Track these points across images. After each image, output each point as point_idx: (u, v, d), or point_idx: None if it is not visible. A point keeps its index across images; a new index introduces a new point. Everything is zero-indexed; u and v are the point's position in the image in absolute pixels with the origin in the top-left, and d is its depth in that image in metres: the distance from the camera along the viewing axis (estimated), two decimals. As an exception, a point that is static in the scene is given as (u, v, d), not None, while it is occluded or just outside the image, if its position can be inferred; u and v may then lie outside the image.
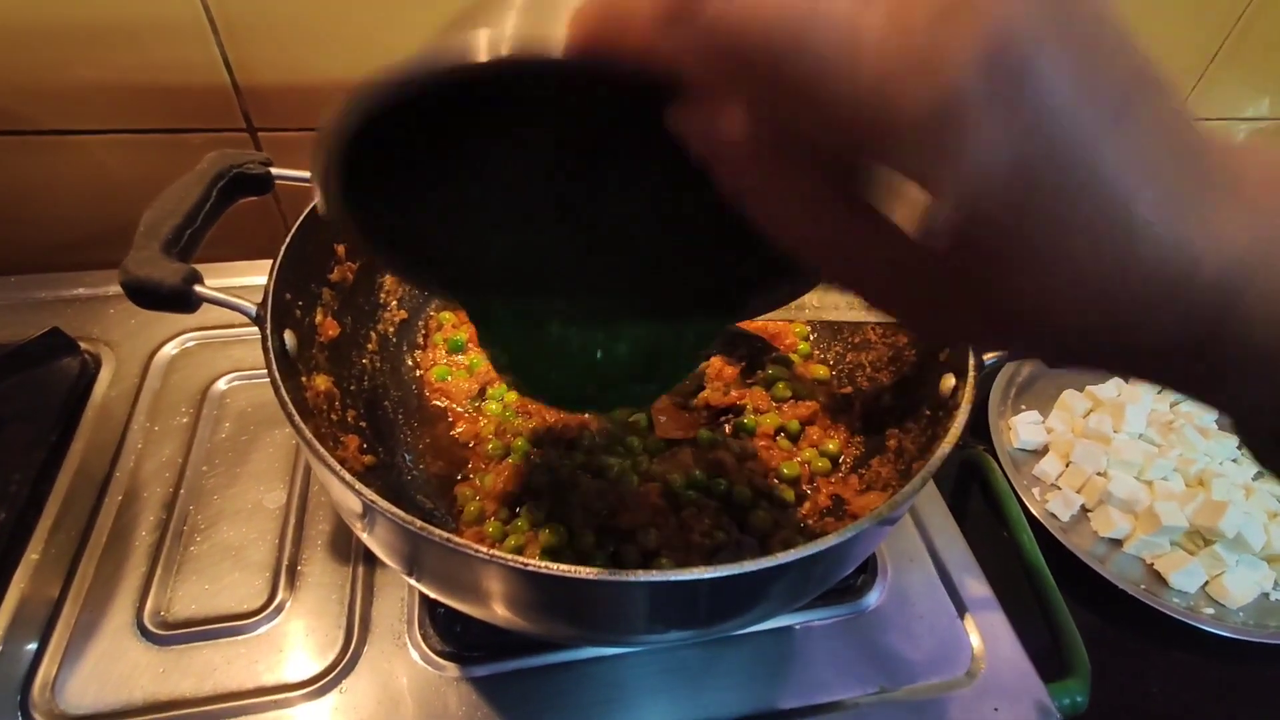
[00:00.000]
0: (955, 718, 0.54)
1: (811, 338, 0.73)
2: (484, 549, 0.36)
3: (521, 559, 0.36)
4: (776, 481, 0.60)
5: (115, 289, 0.76)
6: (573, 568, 0.36)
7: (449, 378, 0.67)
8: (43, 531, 0.60)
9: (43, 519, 0.60)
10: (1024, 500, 0.82)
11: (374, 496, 0.38)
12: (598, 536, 0.55)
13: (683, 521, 0.56)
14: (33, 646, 0.54)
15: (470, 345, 0.69)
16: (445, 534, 0.37)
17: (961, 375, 0.48)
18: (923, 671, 0.57)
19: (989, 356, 0.48)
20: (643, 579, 0.36)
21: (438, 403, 0.66)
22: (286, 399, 0.43)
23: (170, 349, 0.74)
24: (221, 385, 0.71)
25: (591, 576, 0.36)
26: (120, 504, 0.62)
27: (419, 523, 0.37)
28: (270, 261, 0.51)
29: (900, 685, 0.56)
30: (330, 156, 0.27)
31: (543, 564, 0.36)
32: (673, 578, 0.36)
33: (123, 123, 0.75)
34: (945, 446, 0.43)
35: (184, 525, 0.62)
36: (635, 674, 0.56)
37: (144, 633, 0.55)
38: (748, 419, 0.64)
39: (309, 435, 0.41)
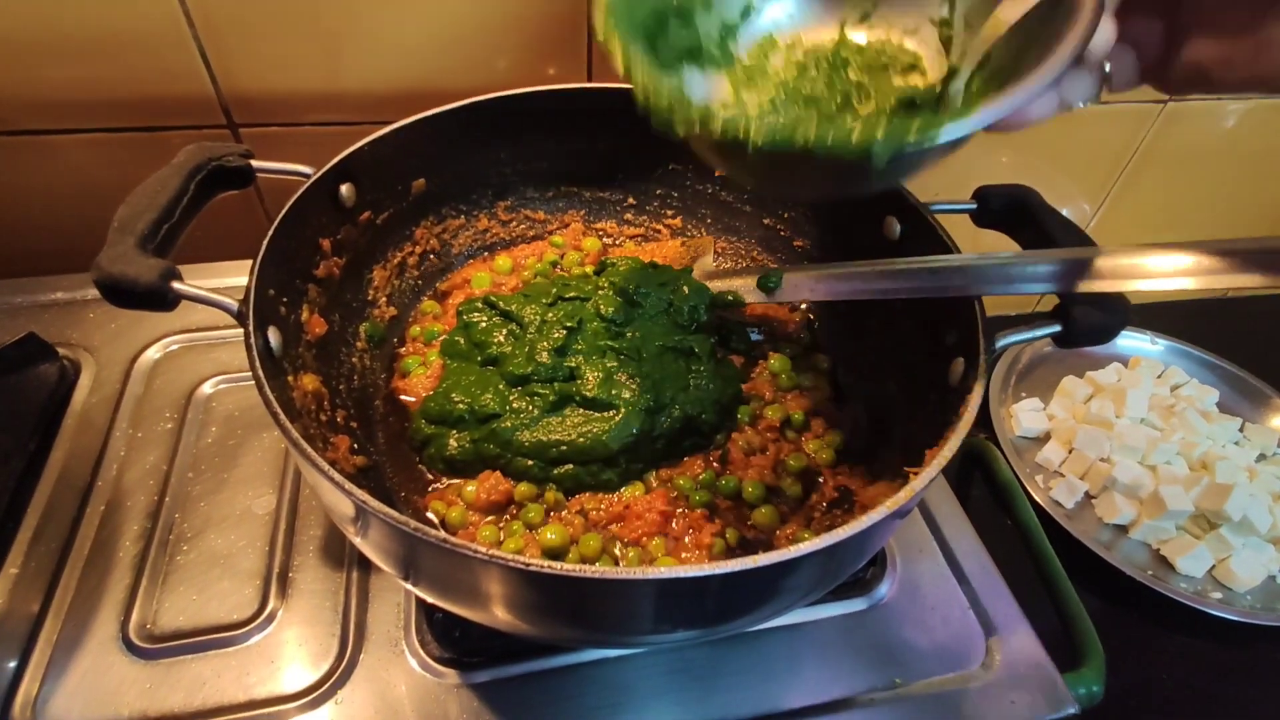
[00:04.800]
0: (971, 711, 0.53)
1: (814, 326, 0.71)
2: (483, 549, 0.35)
3: (523, 559, 0.34)
4: (784, 475, 0.59)
5: (94, 293, 0.74)
6: (577, 566, 0.34)
7: (421, 370, 0.64)
8: (22, 544, 0.58)
9: (21, 531, 0.58)
10: (1028, 488, 0.81)
11: (365, 497, 0.37)
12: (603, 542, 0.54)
13: (692, 522, 0.55)
14: (13, 664, 0.52)
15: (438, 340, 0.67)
16: (442, 535, 0.35)
17: (972, 359, 0.47)
18: (937, 665, 0.56)
19: (998, 339, 0.47)
20: (651, 576, 0.35)
21: (407, 398, 0.64)
22: (271, 398, 0.41)
23: (153, 353, 0.72)
24: (207, 389, 0.69)
25: (597, 575, 0.35)
26: (103, 514, 0.60)
27: (414, 523, 0.36)
28: (253, 259, 0.49)
29: (914, 679, 0.55)
30: None
31: (546, 563, 0.34)
32: (682, 574, 0.34)
33: (99, 121, 0.73)
34: (961, 430, 0.42)
35: (170, 534, 0.59)
36: (641, 676, 0.54)
37: (130, 646, 0.53)
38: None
39: (295, 435, 0.39)
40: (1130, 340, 1.03)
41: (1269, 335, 1.14)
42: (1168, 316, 1.10)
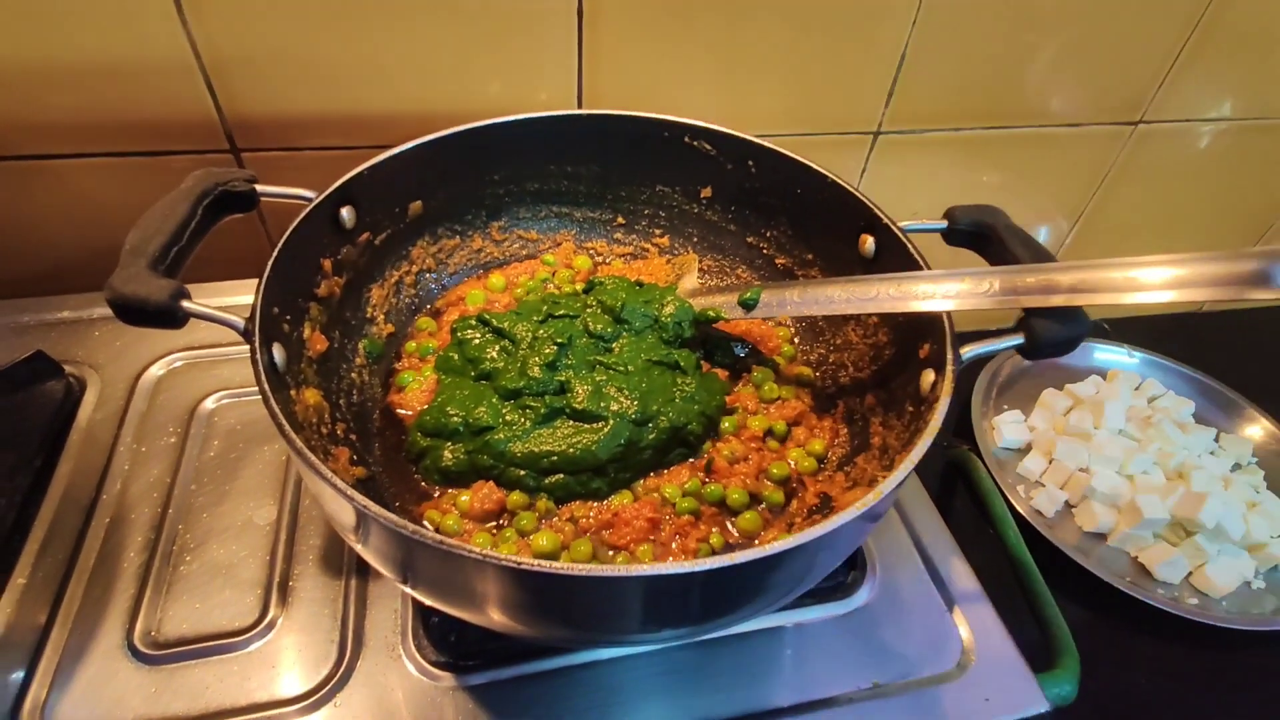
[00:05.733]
0: (948, 709, 0.55)
1: (795, 340, 0.74)
2: (477, 549, 0.37)
3: (515, 558, 0.36)
4: (767, 482, 0.61)
5: (99, 311, 0.77)
6: (567, 564, 0.37)
7: (417, 385, 0.66)
8: (29, 555, 0.59)
9: (29, 543, 0.60)
10: (1009, 498, 0.83)
11: (366, 502, 0.39)
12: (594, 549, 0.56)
13: (678, 528, 0.57)
14: (21, 671, 0.53)
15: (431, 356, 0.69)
16: (439, 536, 0.37)
17: (940, 370, 0.49)
18: (915, 665, 0.58)
19: (964, 351, 0.49)
20: (637, 573, 0.37)
21: (403, 411, 0.65)
22: (277, 410, 0.43)
23: (156, 370, 0.74)
24: (209, 404, 0.71)
25: (586, 573, 0.37)
26: (108, 526, 0.62)
27: (411, 526, 0.38)
28: (256, 279, 0.51)
29: (893, 679, 0.57)
30: None
31: (537, 562, 0.37)
32: (666, 571, 0.37)
33: (103, 146, 0.75)
34: (926, 438, 0.44)
35: (173, 545, 0.61)
36: (631, 677, 0.56)
37: (135, 653, 0.55)
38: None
39: (300, 445, 0.42)
40: (1108, 354, 1.05)
41: (1244, 348, 1.17)
42: (1145, 330, 1.13)
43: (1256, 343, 1.19)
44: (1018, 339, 0.50)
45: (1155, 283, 0.45)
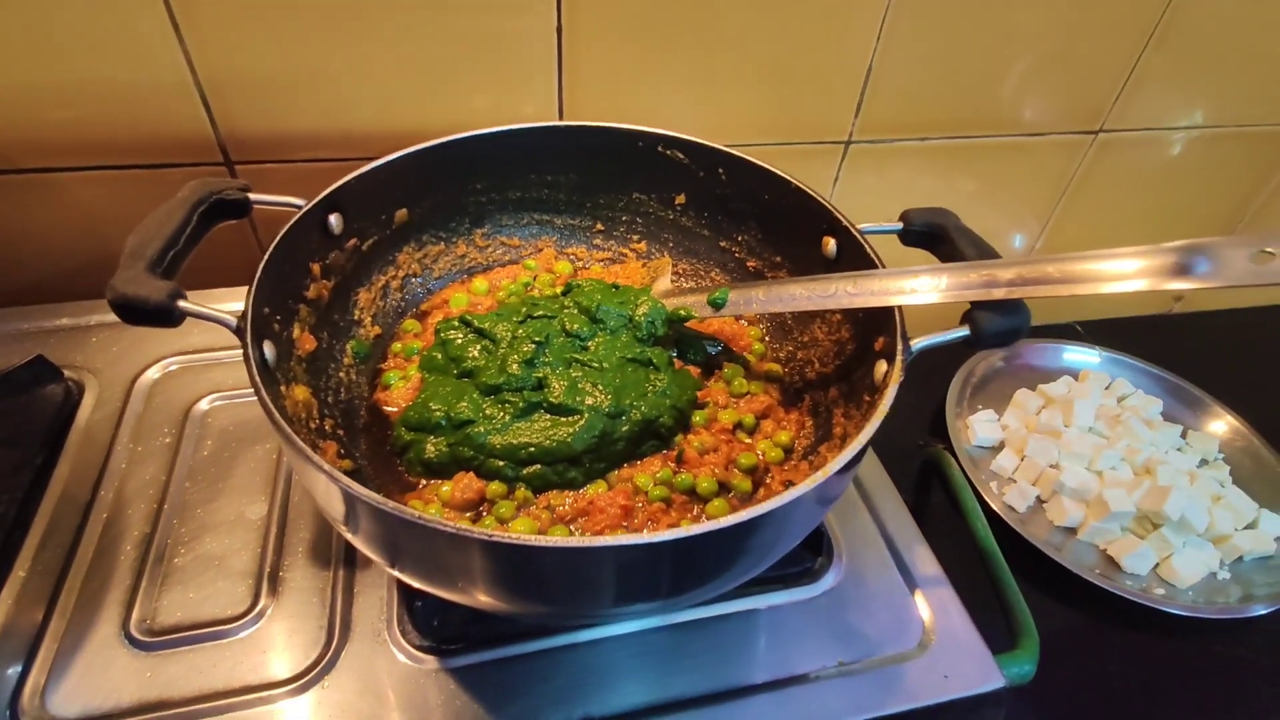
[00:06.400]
0: (909, 685, 0.58)
1: (766, 339, 0.77)
2: (451, 524, 0.39)
3: (488, 531, 0.39)
4: (736, 472, 0.64)
5: (97, 318, 0.80)
6: (538, 536, 0.39)
7: (402, 383, 0.69)
8: (30, 549, 0.62)
9: (29, 538, 0.62)
10: (983, 494, 0.86)
11: (350, 483, 0.41)
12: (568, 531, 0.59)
13: (651, 515, 0.60)
14: (21, 658, 0.55)
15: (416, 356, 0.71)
16: (417, 512, 0.40)
17: (891, 360, 0.52)
18: (878, 645, 0.60)
19: (914, 342, 0.52)
20: (604, 543, 0.40)
21: (389, 408, 0.68)
22: (269, 401, 0.46)
23: (152, 373, 0.76)
24: (203, 405, 0.74)
25: (554, 544, 0.40)
26: (105, 521, 0.64)
27: (392, 503, 0.40)
28: (247, 286, 0.53)
29: (858, 658, 0.59)
30: None
31: (510, 535, 0.39)
32: (631, 541, 0.39)
33: (102, 160, 0.78)
34: (875, 420, 0.47)
35: (168, 539, 0.64)
36: (609, 659, 0.58)
37: (131, 641, 0.57)
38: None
39: (290, 434, 0.44)
40: (1079, 354, 1.08)
41: (1211, 348, 1.20)
42: (1115, 332, 1.16)
43: (1223, 344, 1.22)
44: (963, 331, 0.53)
45: (1086, 275, 0.48)
